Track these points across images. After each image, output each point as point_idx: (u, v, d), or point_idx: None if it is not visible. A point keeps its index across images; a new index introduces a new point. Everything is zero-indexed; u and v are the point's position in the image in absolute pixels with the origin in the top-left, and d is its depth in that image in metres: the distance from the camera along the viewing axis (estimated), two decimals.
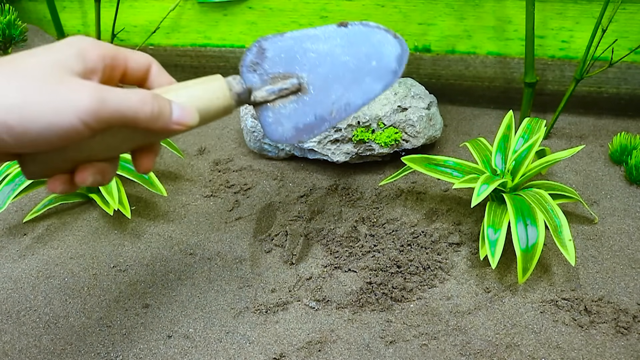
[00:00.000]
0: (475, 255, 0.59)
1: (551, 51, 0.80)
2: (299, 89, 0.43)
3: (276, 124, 0.42)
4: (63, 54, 0.31)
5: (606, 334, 0.49)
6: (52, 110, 0.29)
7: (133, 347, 0.51)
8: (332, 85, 0.43)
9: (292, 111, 0.42)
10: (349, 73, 0.43)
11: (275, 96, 0.42)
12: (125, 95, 0.32)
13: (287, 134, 0.42)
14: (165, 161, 0.79)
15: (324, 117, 0.42)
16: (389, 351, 0.49)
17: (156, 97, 0.33)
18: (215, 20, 0.93)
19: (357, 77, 0.43)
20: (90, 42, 0.33)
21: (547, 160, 0.59)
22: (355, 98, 0.43)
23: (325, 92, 0.43)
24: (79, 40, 0.32)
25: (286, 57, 0.44)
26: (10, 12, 0.86)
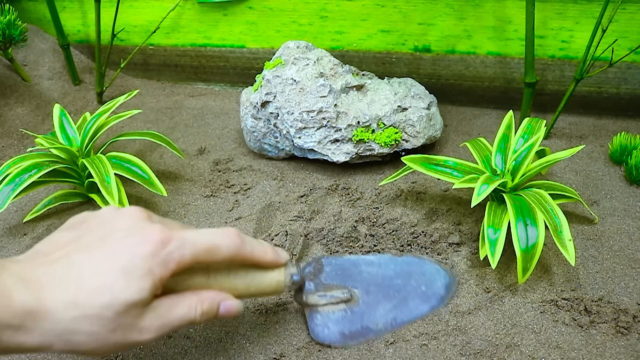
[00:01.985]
0: (475, 255, 0.59)
1: (551, 51, 0.80)
2: (349, 300, 0.48)
3: (323, 326, 0.47)
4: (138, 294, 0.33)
5: (606, 334, 0.49)
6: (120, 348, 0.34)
7: (133, 347, 0.50)
8: (382, 301, 0.49)
9: (340, 318, 0.47)
10: (399, 294, 0.50)
11: (326, 302, 0.47)
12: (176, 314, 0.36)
13: (332, 337, 0.47)
14: (165, 161, 0.79)
15: (369, 328, 0.47)
16: (389, 351, 0.49)
17: (202, 304, 0.37)
18: (215, 20, 0.93)
19: (405, 298, 0.50)
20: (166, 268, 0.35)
21: (547, 160, 0.59)
22: (402, 315, 0.49)
23: (374, 307, 0.49)
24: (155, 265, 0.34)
25: (342, 274, 0.49)
26: (10, 12, 0.86)
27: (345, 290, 0.49)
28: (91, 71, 1.03)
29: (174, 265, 0.35)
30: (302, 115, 0.69)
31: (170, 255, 0.34)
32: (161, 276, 0.34)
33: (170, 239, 0.35)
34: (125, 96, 0.72)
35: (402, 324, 0.49)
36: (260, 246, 0.41)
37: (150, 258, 0.34)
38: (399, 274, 0.51)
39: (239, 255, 0.38)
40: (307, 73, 0.71)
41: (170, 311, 0.35)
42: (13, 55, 0.93)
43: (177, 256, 0.35)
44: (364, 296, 0.49)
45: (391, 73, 0.88)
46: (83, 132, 0.68)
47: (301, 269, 0.45)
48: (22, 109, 0.90)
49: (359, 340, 0.47)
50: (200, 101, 0.96)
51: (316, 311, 0.48)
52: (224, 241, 0.37)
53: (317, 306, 0.48)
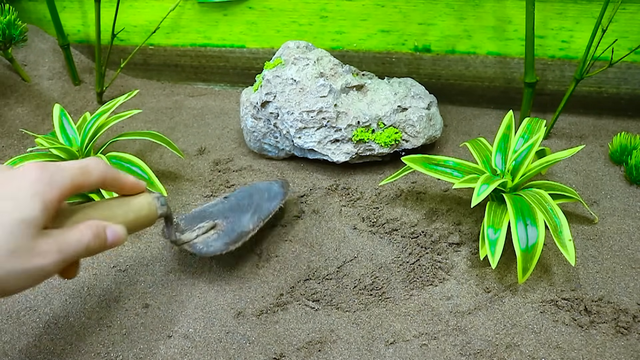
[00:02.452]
0: (475, 255, 0.59)
1: (551, 51, 0.80)
2: (214, 226, 0.57)
3: (207, 247, 0.55)
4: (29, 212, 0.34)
5: (606, 334, 0.49)
6: (25, 279, 0.34)
7: (133, 347, 0.51)
8: (242, 215, 0.59)
9: (217, 237, 0.56)
10: (251, 206, 0.60)
11: (197, 233, 0.55)
12: (71, 239, 0.37)
13: (218, 248, 0.54)
14: (165, 161, 0.79)
15: (244, 231, 0.57)
16: (389, 351, 0.49)
17: (90, 228, 0.38)
18: (215, 20, 0.93)
19: (258, 204, 0.61)
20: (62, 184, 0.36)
21: (547, 160, 0.59)
22: (262, 213, 0.60)
23: (238, 219, 0.58)
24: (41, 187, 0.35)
25: (196, 219, 0.58)
26: (10, 12, 0.86)
27: (208, 221, 0.57)
28: (91, 71, 1.03)
29: (58, 185, 0.36)
30: (302, 115, 0.69)
31: (52, 177, 0.36)
32: (50, 197, 0.35)
33: (47, 166, 0.36)
34: (125, 96, 0.72)
35: (266, 217, 0.59)
36: (122, 172, 0.43)
37: (35, 182, 0.35)
38: (242, 198, 0.62)
39: (109, 174, 0.41)
40: (307, 73, 0.71)
41: (64, 236, 0.36)
42: (13, 55, 0.93)
43: (59, 178, 0.36)
44: (225, 220, 0.58)
45: (391, 73, 0.88)
46: (83, 132, 0.68)
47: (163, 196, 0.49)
48: (22, 109, 0.90)
49: (241, 241, 0.55)
50: (200, 101, 0.96)
51: (195, 243, 0.55)
52: (91, 162, 0.40)
53: (192, 240, 0.55)
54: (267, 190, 0.63)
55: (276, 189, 0.64)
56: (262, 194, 0.62)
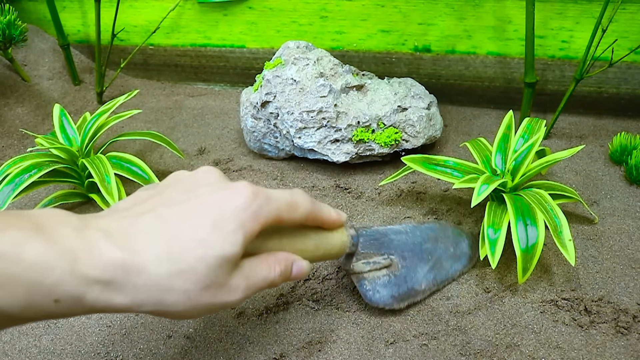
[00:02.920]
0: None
1: (551, 51, 0.80)
2: (389, 265, 0.51)
3: (373, 291, 0.50)
4: (230, 247, 0.31)
5: (606, 334, 0.49)
6: (207, 311, 0.32)
7: (133, 347, 0.51)
8: (419, 264, 0.52)
9: (386, 282, 0.50)
10: (432, 256, 0.53)
11: (370, 268, 0.50)
12: (259, 275, 0.35)
13: (384, 300, 0.50)
14: (165, 161, 0.79)
15: (415, 289, 0.51)
16: (389, 351, 0.49)
17: (279, 263, 0.36)
18: (215, 20, 0.93)
19: (439, 259, 0.54)
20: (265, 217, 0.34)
21: (547, 160, 0.59)
22: (440, 275, 0.53)
23: (413, 270, 0.52)
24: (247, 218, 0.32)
25: (375, 244, 0.52)
26: (10, 12, 0.86)
27: (384, 257, 0.51)
28: (91, 71, 1.03)
29: (263, 219, 0.34)
30: (302, 115, 0.69)
31: (260, 208, 0.33)
32: (252, 231, 0.33)
33: (258, 193, 0.34)
34: (125, 96, 0.72)
35: (442, 282, 0.53)
36: (325, 206, 0.41)
37: (241, 211, 0.32)
38: (427, 239, 0.54)
39: (312, 212, 0.38)
40: (307, 73, 0.71)
41: (253, 271, 0.34)
42: (13, 55, 0.93)
43: (266, 210, 0.34)
44: (401, 261, 0.51)
45: (391, 73, 0.88)
46: (83, 132, 0.68)
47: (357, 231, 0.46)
48: (22, 109, 0.90)
49: (407, 301, 0.51)
50: (200, 101, 0.96)
51: (363, 278, 0.50)
52: (299, 197, 0.37)
53: (363, 273, 0.50)
54: (454, 243, 0.56)
55: (464, 247, 0.56)
56: (447, 246, 0.55)
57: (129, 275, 0.29)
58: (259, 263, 0.35)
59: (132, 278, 0.29)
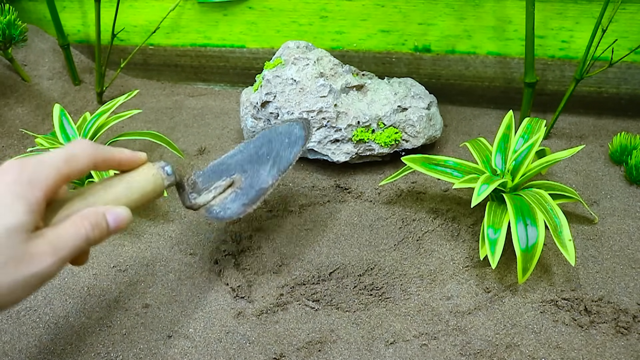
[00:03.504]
0: (475, 255, 0.59)
1: (551, 51, 0.80)
2: (231, 184, 0.52)
3: (224, 210, 0.50)
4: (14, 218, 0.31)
5: (606, 334, 0.49)
6: (22, 288, 0.32)
7: (133, 347, 0.51)
8: (260, 168, 0.53)
9: (234, 197, 0.51)
10: (270, 154, 0.54)
11: (214, 194, 0.50)
12: (66, 236, 0.34)
13: (235, 211, 0.50)
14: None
15: (263, 188, 0.52)
16: (389, 351, 0.49)
17: (87, 218, 0.36)
18: (215, 20, 0.93)
19: (277, 153, 0.55)
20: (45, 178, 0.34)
21: (547, 160, 0.59)
22: (282, 164, 0.54)
23: (257, 174, 0.53)
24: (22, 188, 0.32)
25: (214, 175, 0.52)
26: (10, 12, 0.86)
27: (224, 178, 0.52)
28: (91, 71, 1.03)
29: (41, 184, 0.34)
30: (302, 115, 0.69)
31: (33, 175, 0.33)
32: (35, 197, 0.33)
33: (26, 163, 0.34)
34: (125, 96, 0.72)
35: (285, 169, 0.54)
36: (115, 148, 0.40)
37: (13, 184, 0.33)
38: (261, 145, 0.56)
39: (99, 155, 0.38)
40: (307, 73, 0.71)
41: (58, 234, 0.34)
42: (13, 55, 0.93)
43: (41, 175, 0.34)
44: (244, 175, 0.53)
45: (391, 73, 0.88)
46: (83, 132, 0.68)
47: (170, 163, 0.45)
48: (22, 109, 0.90)
49: (259, 201, 0.51)
50: (200, 101, 0.96)
51: (211, 206, 0.50)
52: (77, 146, 0.37)
53: (209, 202, 0.50)
54: (287, 134, 0.57)
55: (297, 132, 0.57)
56: (282, 139, 0.56)
57: None
58: (65, 225, 0.35)
59: None
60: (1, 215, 0.31)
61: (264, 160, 0.54)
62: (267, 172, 0.53)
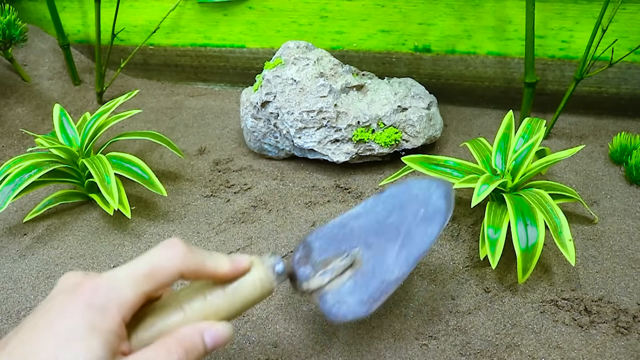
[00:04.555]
0: (475, 255, 0.59)
1: (551, 51, 0.80)
2: (352, 263, 0.42)
3: (339, 304, 0.40)
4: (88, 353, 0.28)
5: (606, 334, 0.49)
6: None
7: None
8: (387, 247, 0.42)
9: (352, 286, 0.41)
10: (400, 230, 0.43)
11: (330, 277, 0.41)
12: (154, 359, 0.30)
13: (353, 310, 0.40)
14: (165, 161, 0.79)
15: (387, 280, 0.41)
16: (389, 351, 0.49)
17: (182, 343, 0.31)
18: (215, 20, 0.93)
19: (409, 230, 0.43)
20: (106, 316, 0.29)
21: (547, 160, 0.59)
22: (414, 249, 0.42)
23: (381, 257, 0.42)
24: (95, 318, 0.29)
25: (334, 242, 0.43)
26: (10, 12, 0.86)
27: (343, 256, 0.42)
28: (91, 71, 1.03)
29: (115, 309, 0.29)
30: (302, 115, 0.69)
31: (105, 298, 0.30)
32: (110, 329, 0.29)
33: (98, 283, 0.30)
34: (125, 96, 0.72)
35: (419, 257, 0.42)
36: (211, 255, 0.35)
37: (84, 312, 0.29)
38: (391, 210, 0.44)
39: (190, 265, 0.33)
40: (307, 73, 0.71)
41: None
42: (13, 55, 0.93)
43: (115, 297, 0.30)
44: (366, 252, 0.42)
45: (391, 73, 0.88)
46: (83, 132, 0.68)
47: (279, 257, 0.40)
48: (22, 109, 0.91)
49: (382, 298, 0.40)
50: (200, 101, 0.96)
51: (325, 293, 0.41)
52: (163, 256, 0.32)
53: (323, 287, 0.41)
54: (424, 201, 0.44)
55: (436, 201, 0.44)
56: (416, 208, 0.44)
57: None
58: (154, 350, 0.30)
59: None
60: (76, 352, 0.28)
61: (392, 235, 0.43)
62: (394, 255, 0.42)
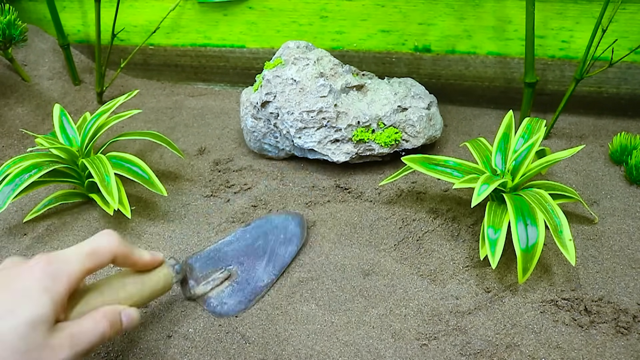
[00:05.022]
0: (475, 255, 0.59)
1: (551, 51, 0.80)
2: (229, 276, 0.55)
3: (221, 305, 0.53)
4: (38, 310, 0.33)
5: (606, 334, 0.49)
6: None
7: (133, 347, 0.51)
8: (256, 263, 0.57)
9: (231, 292, 0.54)
10: (266, 250, 0.58)
11: (212, 286, 0.54)
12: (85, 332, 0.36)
13: (232, 308, 0.53)
14: (165, 161, 0.79)
15: (259, 286, 0.55)
16: (389, 351, 0.49)
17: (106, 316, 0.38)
18: (215, 20, 0.93)
19: (273, 250, 0.58)
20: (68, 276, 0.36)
21: (547, 160, 0.59)
22: (278, 263, 0.57)
23: (252, 270, 0.56)
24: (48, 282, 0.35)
25: (211, 263, 0.56)
26: (10, 12, 0.86)
27: (222, 270, 0.55)
28: (91, 71, 1.03)
29: (65, 278, 0.36)
30: (302, 115, 0.69)
31: (58, 270, 0.36)
32: (57, 292, 0.35)
33: (52, 258, 0.36)
34: (125, 96, 0.72)
35: (282, 269, 0.57)
36: (136, 248, 0.43)
37: (40, 279, 0.35)
38: (257, 237, 0.59)
39: (121, 251, 0.40)
40: (307, 73, 0.71)
41: (78, 328, 0.36)
42: (13, 55, 0.93)
43: (65, 269, 0.36)
44: (240, 267, 0.56)
45: (391, 73, 0.88)
46: (83, 132, 0.68)
47: (177, 260, 0.49)
48: (22, 109, 0.90)
49: (255, 299, 0.54)
50: (200, 101, 0.96)
51: (209, 298, 0.54)
52: (103, 240, 0.39)
53: (206, 293, 0.54)
54: (283, 229, 0.60)
55: (292, 229, 0.60)
56: (277, 235, 0.59)
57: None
58: (84, 320, 0.37)
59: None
60: (27, 307, 0.33)
61: (260, 255, 0.58)
62: (262, 269, 0.56)
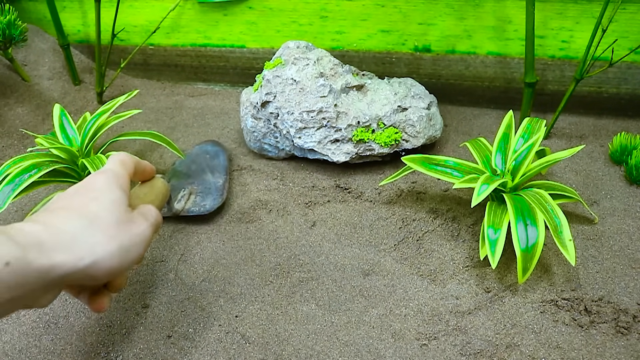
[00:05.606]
0: (475, 255, 0.59)
1: (551, 51, 0.80)
2: (191, 193, 0.68)
3: (198, 208, 0.65)
4: (115, 194, 0.41)
5: (606, 334, 0.49)
6: (138, 243, 0.40)
7: (133, 347, 0.51)
8: (203, 176, 0.70)
9: (202, 198, 0.66)
10: (203, 167, 0.72)
11: (185, 200, 0.66)
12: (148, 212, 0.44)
13: (212, 205, 0.65)
14: (165, 161, 0.79)
15: (219, 184, 0.69)
16: (389, 351, 0.49)
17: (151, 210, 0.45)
18: (215, 20, 0.93)
19: (208, 164, 0.73)
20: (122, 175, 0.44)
21: (547, 160, 0.59)
22: (218, 169, 0.71)
23: (204, 182, 0.69)
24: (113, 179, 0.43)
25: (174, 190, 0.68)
26: (10, 12, 0.86)
27: (183, 190, 0.68)
28: (91, 71, 1.03)
29: (122, 178, 0.44)
30: (302, 115, 0.69)
31: (115, 173, 0.44)
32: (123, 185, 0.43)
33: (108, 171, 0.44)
34: (125, 96, 0.72)
35: (227, 169, 0.72)
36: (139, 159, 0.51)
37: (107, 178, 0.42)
38: (189, 165, 0.74)
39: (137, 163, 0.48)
40: (307, 73, 0.71)
41: (143, 209, 0.44)
42: (13, 55, 0.93)
43: (119, 172, 0.44)
44: (193, 185, 0.69)
45: (391, 73, 0.88)
46: (83, 132, 0.68)
47: None
48: (22, 109, 0.90)
49: (224, 192, 0.68)
50: (200, 101, 0.96)
51: (189, 209, 0.65)
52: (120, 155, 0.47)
53: (184, 208, 0.65)
54: (204, 152, 0.74)
55: (211, 149, 0.75)
56: (203, 157, 0.73)
57: (53, 235, 0.36)
58: (142, 207, 0.45)
59: (59, 237, 0.36)
60: (108, 194, 0.41)
61: (200, 172, 0.71)
62: (211, 177, 0.70)
